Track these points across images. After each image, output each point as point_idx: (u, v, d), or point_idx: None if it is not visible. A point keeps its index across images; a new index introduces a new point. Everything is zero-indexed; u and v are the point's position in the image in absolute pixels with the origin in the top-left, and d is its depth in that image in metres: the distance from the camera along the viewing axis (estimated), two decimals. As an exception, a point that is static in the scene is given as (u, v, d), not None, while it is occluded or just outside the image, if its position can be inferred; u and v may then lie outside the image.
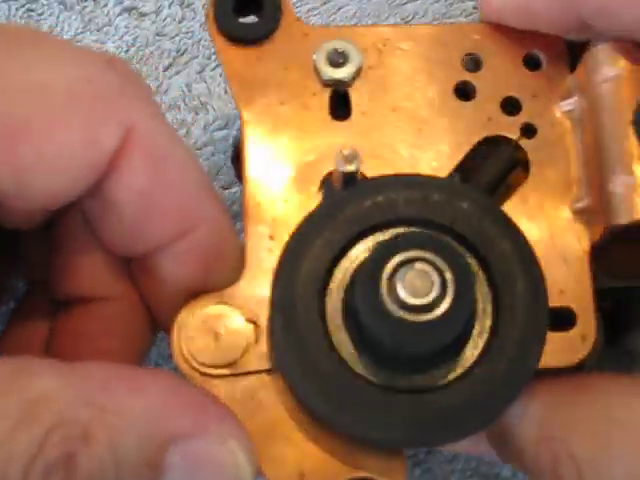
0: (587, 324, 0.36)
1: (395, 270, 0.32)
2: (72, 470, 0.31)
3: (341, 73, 0.38)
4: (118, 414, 0.32)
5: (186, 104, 0.48)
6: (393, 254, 0.33)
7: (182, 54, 0.49)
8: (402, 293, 0.32)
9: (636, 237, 0.38)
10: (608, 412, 0.35)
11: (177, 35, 0.50)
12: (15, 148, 0.33)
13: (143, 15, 0.50)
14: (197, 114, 0.48)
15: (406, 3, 0.50)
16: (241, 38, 0.39)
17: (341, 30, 0.40)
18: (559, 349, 0.36)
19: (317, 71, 0.39)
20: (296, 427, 0.36)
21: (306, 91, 0.39)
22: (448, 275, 0.32)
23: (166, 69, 0.49)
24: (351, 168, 0.35)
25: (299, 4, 0.50)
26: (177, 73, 0.49)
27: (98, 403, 0.32)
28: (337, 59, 0.38)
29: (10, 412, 0.30)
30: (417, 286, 0.32)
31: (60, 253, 0.38)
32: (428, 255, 0.33)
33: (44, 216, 0.37)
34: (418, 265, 0.32)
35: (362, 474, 0.35)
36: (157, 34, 0.50)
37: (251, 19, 0.40)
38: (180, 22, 0.50)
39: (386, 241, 0.34)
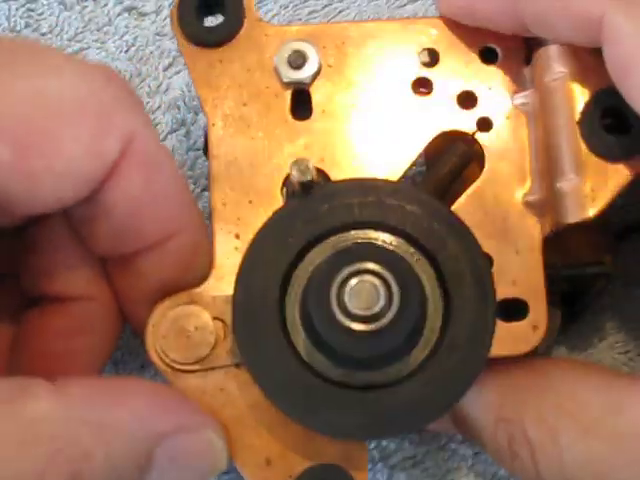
0: (538, 314, 0.38)
1: (344, 282, 0.34)
2: None
3: (301, 74, 0.40)
4: (110, 427, 0.34)
5: (186, 104, 0.49)
6: (342, 266, 0.35)
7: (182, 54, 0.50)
8: (350, 304, 0.34)
9: (587, 223, 0.40)
10: (557, 401, 0.38)
11: (177, 35, 0.50)
12: (26, 156, 0.34)
13: (143, 15, 0.50)
14: (197, 114, 0.49)
15: (405, 5, 0.50)
16: (205, 41, 0.40)
17: (301, 29, 0.41)
18: (510, 339, 0.38)
19: (277, 73, 0.40)
20: (263, 416, 0.38)
21: (268, 92, 0.40)
22: (394, 287, 0.34)
23: (166, 69, 0.50)
24: (305, 178, 0.36)
25: (300, 6, 0.50)
26: (177, 73, 0.49)
27: (95, 420, 0.34)
28: (296, 61, 0.40)
29: (11, 435, 0.32)
30: (364, 297, 0.34)
31: (36, 252, 0.40)
32: (375, 267, 0.34)
33: (29, 217, 0.39)
34: (365, 277, 0.34)
35: (324, 461, 0.38)
36: (157, 34, 0.50)
37: (215, 20, 0.41)
38: (179, 25, 0.50)
39: (336, 253, 0.36)
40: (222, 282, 0.39)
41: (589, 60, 0.37)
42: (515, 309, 0.38)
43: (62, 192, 0.36)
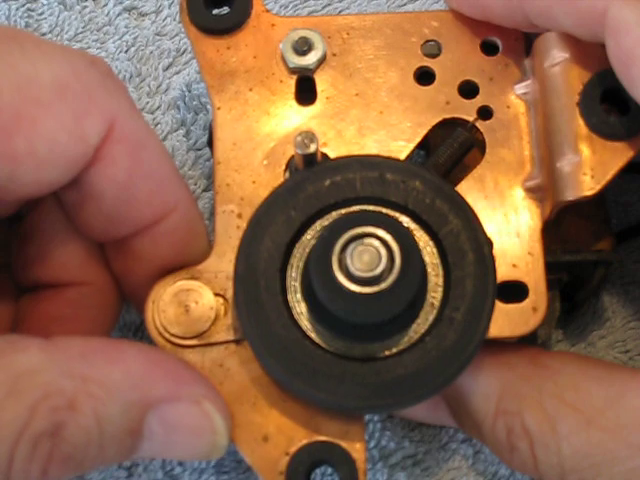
0: (538, 296, 0.38)
1: (345, 245, 0.35)
2: (59, 440, 0.33)
3: (306, 60, 0.41)
4: (100, 384, 0.34)
5: (186, 104, 0.49)
6: (344, 230, 0.35)
7: (182, 54, 0.50)
8: (351, 267, 0.34)
9: (586, 212, 0.40)
10: (558, 392, 0.38)
11: (177, 35, 0.50)
12: (8, 141, 0.34)
13: (143, 15, 0.51)
14: (197, 114, 0.49)
15: (405, 4, 0.51)
16: (213, 29, 0.41)
17: (307, 20, 0.42)
18: (511, 320, 0.38)
19: (283, 59, 0.41)
20: (261, 393, 0.38)
21: (274, 78, 0.41)
22: (395, 250, 0.34)
23: (166, 69, 0.50)
24: (309, 151, 0.37)
25: (300, 7, 0.51)
26: (177, 73, 0.50)
27: (81, 374, 0.34)
28: (302, 47, 0.41)
29: None
30: (365, 260, 0.34)
31: (30, 240, 0.40)
32: (377, 231, 0.35)
33: (20, 205, 0.39)
34: (367, 240, 0.35)
35: (322, 438, 0.37)
36: (157, 34, 0.50)
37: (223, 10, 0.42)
38: (180, 22, 0.49)
39: (338, 219, 0.36)
40: (223, 259, 0.39)
41: (589, 45, 0.38)
42: (515, 292, 0.38)
43: (45, 175, 0.36)
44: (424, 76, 0.41)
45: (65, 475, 0.35)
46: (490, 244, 0.38)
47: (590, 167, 0.37)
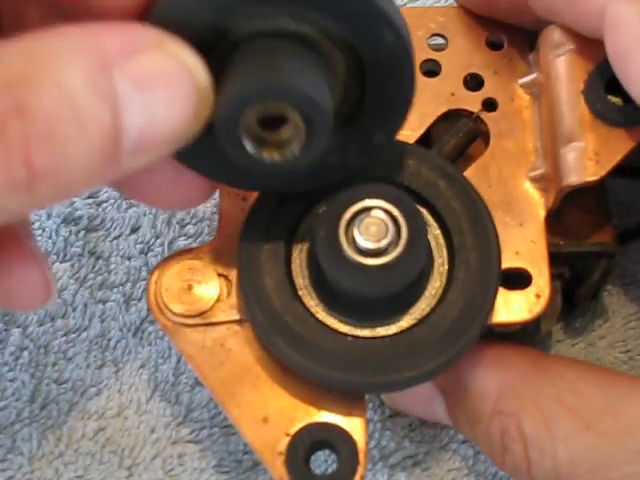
0: (542, 284, 0.38)
1: (353, 217, 0.35)
2: (29, 118, 0.28)
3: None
4: (47, 54, 0.29)
5: None
6: (352, 203, 0.35)
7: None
8: (358, 238, 0.34)
9: (588, 206, 0.41)
10: (557, 395, 0.38)
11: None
12: None
13: None
14: None
15: (406, 4, 0.52)
16: None
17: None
18: (515, 306, 0.38)
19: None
20: (262, 374, 0.38)
21: None
22: (402, 223, 0.35)
23: None
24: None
25: None
26: None
27: (24, 48, 0.30)
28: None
29: None
30: (372, 231, 0.35)
31: None
32: (384, 204, 0.35)
33: None
34: (374, 213, 0.35)
35: (323, 419, 0.37)
36: None
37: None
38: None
39: (346, 191, 0.36)
40: (228, 242, 0.39)
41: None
42: (519, 279, 0.38)
43: None
44: (430, 70, 0.42)
45: (53, 168, 0.29)
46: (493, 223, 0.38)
47: (594, 152, 0.37)
